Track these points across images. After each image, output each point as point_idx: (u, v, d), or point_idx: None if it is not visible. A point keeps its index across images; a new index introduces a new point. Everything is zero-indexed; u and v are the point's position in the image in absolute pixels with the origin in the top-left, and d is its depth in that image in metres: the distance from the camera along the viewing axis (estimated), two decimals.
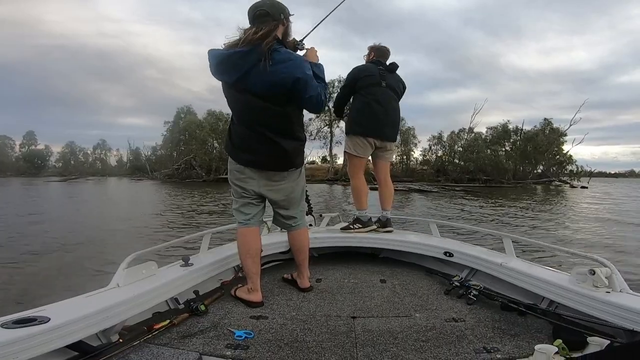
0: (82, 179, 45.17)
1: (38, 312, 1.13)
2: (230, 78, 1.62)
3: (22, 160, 67.67)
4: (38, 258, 5.04)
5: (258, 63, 1.56)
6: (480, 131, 39.93)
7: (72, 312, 1.15)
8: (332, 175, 37.10)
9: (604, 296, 1.36)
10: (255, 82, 1.58)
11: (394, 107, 2.66)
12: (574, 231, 7.97)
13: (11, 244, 5.94)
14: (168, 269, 1.74)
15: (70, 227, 7.87)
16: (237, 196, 1.84)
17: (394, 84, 2.66)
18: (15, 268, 4.55)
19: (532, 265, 1.82)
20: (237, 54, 1.58)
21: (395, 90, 2.67)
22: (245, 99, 1.63)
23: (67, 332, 1.09)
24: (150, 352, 1.25)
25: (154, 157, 46.75)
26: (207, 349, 1.30)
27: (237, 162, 1.79)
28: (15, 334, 0.99)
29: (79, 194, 20.35)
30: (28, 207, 12.10)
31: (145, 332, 1.36)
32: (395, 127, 2.73)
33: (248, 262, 1.77)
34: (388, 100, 2.61)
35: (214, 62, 1.63)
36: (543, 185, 33.86)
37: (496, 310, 1.66)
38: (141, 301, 1.41)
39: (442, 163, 39.26)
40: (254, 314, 1.64)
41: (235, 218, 1.85)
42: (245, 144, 1.74)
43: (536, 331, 1.44)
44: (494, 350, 1.29)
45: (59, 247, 5.69)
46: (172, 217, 9.69)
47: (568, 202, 16.78)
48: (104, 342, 1.28)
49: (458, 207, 13.48)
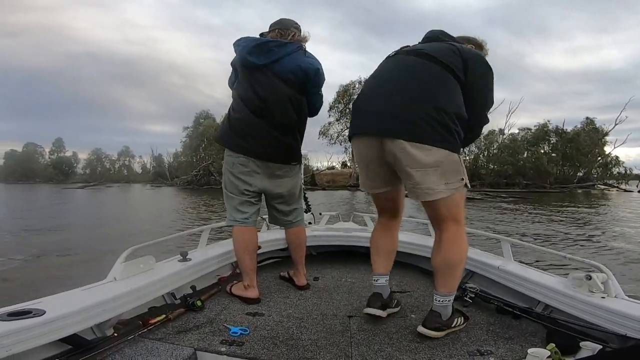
0: (102, 185, 45.47)
1: (33, 304, 1.14)
2: (261, 60, 1.71)
3: (51, 167, 68.77)
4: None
5: (292, 54, 1.75)
6: (513, 132, 36.71)
7: (67, 305, 1.15)
8: (355, 181, 36.56)
9: (598, 301, 1.36)
10: (285, 65, 1.74)
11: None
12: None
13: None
14: (165, 263, 1.74)
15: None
16: (235, 192, 1.81)
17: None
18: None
19: (528, 269, 1.82)
20: (275, 42, 1.74)
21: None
22: (271, 83, 1.73)
23: (62, 325, 1.10)
24: (144, 347, 1.26)
25: (176, 163, 46.78)
26: (202, 344, 1.31)
27: (241, 153, 1.76)
28: (9, 326, 0.99)
29: (78, 202, 19.92)
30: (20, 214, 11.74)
31: (141, 326, 1.36)
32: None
33: (245, 259, 1.77)
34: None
35: (250, 44, 1.71)
36: (585, 190, 30.95)
37: (491, 313, 1.66)
38: (137, 295, 1.41)
39: (476, 167, 34.40)
40: (250, 310, 1.65)
41: (231, 216, 1.82)
42: (252, 133, 1.74)
43: (530, 335, 1.45)
44: (487, 353, 1.30)
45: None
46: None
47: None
48: (98, 335, 1.28)
49: (523, 220, 10.66)
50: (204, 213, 12.63)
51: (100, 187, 42.79)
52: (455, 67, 1.36)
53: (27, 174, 63.83)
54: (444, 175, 1.32)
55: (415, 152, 1.28)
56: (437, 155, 1.30)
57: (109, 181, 54.17)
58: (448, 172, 1.33)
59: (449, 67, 1.36)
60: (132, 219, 10.97)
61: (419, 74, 1.37)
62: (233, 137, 1.78)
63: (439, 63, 1.36)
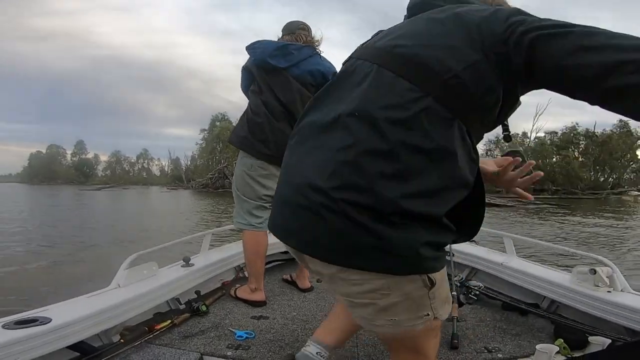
0: (119, 187, 46.00)
1: (40, 312, 1.13)
2: (282, 63, 1.71)
3: (73, 169, 71.07)
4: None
5: (309, 58, 1.76)
6: (539, 136, 35.93)
7: (73, 313, 1.15)
8: None
9: (605, 295, 1.35)
10: (304, 69, 1.74)
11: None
12: None
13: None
14: (169, 269, 1.74)
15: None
16: (252, 197, 1.78)
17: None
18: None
19: (532, 264, 1.82)
20: (295, 45, 1.75)
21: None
22: (291, 87, 1.73)
23: (69, 332, 1.09)
24: (151, 353, 1.25)
25: (193, 166, 47.11)
26: (208, 349, 1.30)
27: (264, 160, 1.74)
28: (16, 334, 0.99)
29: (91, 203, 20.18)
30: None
31: (147, 332, 1.36)
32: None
33: (257, 263, 1.77)
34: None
35: (271, 46, 1.71)
36: (616, 197, 29.22)
37: (497, 310, 1.66)
38: (142, 301, 1.41)
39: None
40: (254, 314, 1.64)
41: (244, 220, 1.78)
42: (274, 139, 1.71)
43: (537, 331, 1.44)
44: (495, 350, 1.29)
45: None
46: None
47: None
48: (105, 342, 1.28)
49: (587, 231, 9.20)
50: (210, 216, 12.65)
51: (117, 189, 43.30)
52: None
53: (49, 176, 66.01)
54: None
55: None
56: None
57: (127, 183, 55.78)
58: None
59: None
60: (138, 222, 10.99)
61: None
62: (253, 142, 1.74)
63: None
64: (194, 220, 11.39)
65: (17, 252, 6.06)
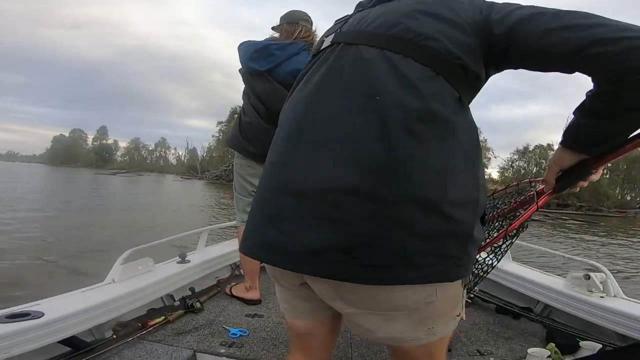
0: (134, 173, 46.39)
1: (32, 306, 1.13)
2: (262, 66, 1.62)
3: (92, 153, 72.70)
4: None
5: (294, 56, 1.62)
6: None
7: (66, 307, 1.15)
8: None
9: (597, 301, 1.36)
10: (285, 70, 1.61)
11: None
12: None
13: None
14: (164, 265, 1.73)
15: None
16: (244, 194, 1.81)
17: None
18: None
19: (527, 269, 1.83)
20: (276, 45, 1.62)
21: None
22: (273, 89, 1.64)
23: (61, 327, 1.09)
24: (144, 349, 1.25)
25: (208, 157, 46.99)
26: (201, 346, 1.30)
27: (250, 158, 1.75)
28: (8, 328, 0.98)
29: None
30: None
31: (140, 328, 1.35)
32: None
33: (252, 261, 1.77)
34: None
35: (250, 49, 1.62)
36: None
37: (491, 314, 1.66)
38: (136, 297, 1.41)
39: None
40: (249, 312, 1.64)
41: (240, 217, 1.82)
42: (262, 139, 1.68)
43: (530, 334, 1.45)
44: (487, 354, 1.30)
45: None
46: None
47: None
48: (97, 337, 1.27)
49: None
50: (211, 211, 12.59)
51: (132, 174, 43.62)
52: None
53: (70, 158, 68.20)
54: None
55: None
56: None
57: (144, 170, 56.42)
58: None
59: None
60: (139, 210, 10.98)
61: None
62: (242, 142, 1.76)
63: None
64: (197, 214, 11.32)
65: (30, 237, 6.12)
